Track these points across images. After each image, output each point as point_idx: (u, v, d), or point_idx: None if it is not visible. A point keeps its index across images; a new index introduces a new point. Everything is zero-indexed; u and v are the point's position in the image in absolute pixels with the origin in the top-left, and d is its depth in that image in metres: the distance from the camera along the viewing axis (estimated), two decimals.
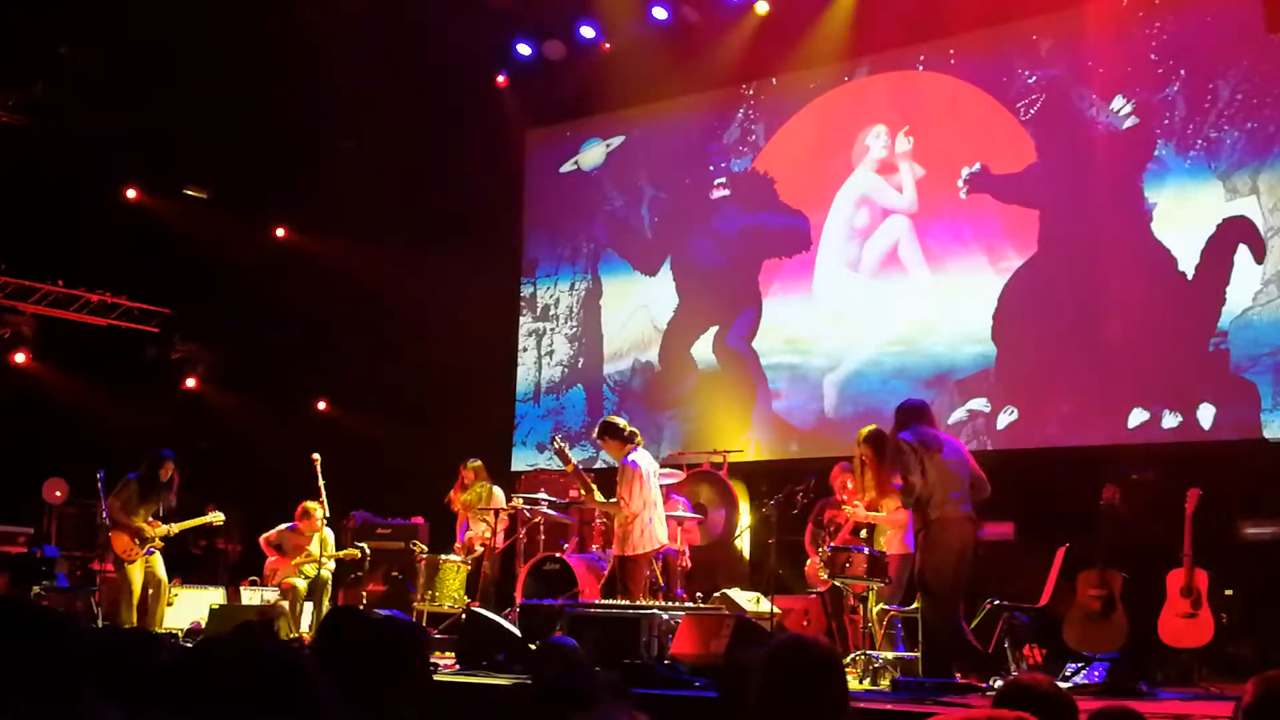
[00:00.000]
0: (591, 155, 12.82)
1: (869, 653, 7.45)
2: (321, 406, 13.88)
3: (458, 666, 7.91)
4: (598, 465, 10.95)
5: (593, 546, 9.96)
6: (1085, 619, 7.89)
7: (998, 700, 2.84)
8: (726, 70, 11.69)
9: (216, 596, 11.01)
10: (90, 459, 10.75)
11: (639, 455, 8.57)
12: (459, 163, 12.48)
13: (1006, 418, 9.92)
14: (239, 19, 11.14)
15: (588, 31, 12.14)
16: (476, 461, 10.68)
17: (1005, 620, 7.81)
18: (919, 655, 7.21)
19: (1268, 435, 8.76)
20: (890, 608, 7.85)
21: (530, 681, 3.19)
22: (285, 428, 12.63)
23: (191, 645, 5.04)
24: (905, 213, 10.68)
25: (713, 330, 11.70)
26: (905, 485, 7.24)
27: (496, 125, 12.92)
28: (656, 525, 8.48)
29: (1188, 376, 9.17)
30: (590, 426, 11.79)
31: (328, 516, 10.51)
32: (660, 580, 8.92)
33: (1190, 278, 9.21)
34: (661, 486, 8.88)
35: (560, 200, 13.07)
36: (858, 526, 8.20)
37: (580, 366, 12.56)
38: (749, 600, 8.61)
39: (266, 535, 10.68)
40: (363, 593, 10.51)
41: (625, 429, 8.65)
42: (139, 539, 9.87)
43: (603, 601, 8.37)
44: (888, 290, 10.67)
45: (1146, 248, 9.40)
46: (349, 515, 11.36)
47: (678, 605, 8.32)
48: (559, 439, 9.47)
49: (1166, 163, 9.45)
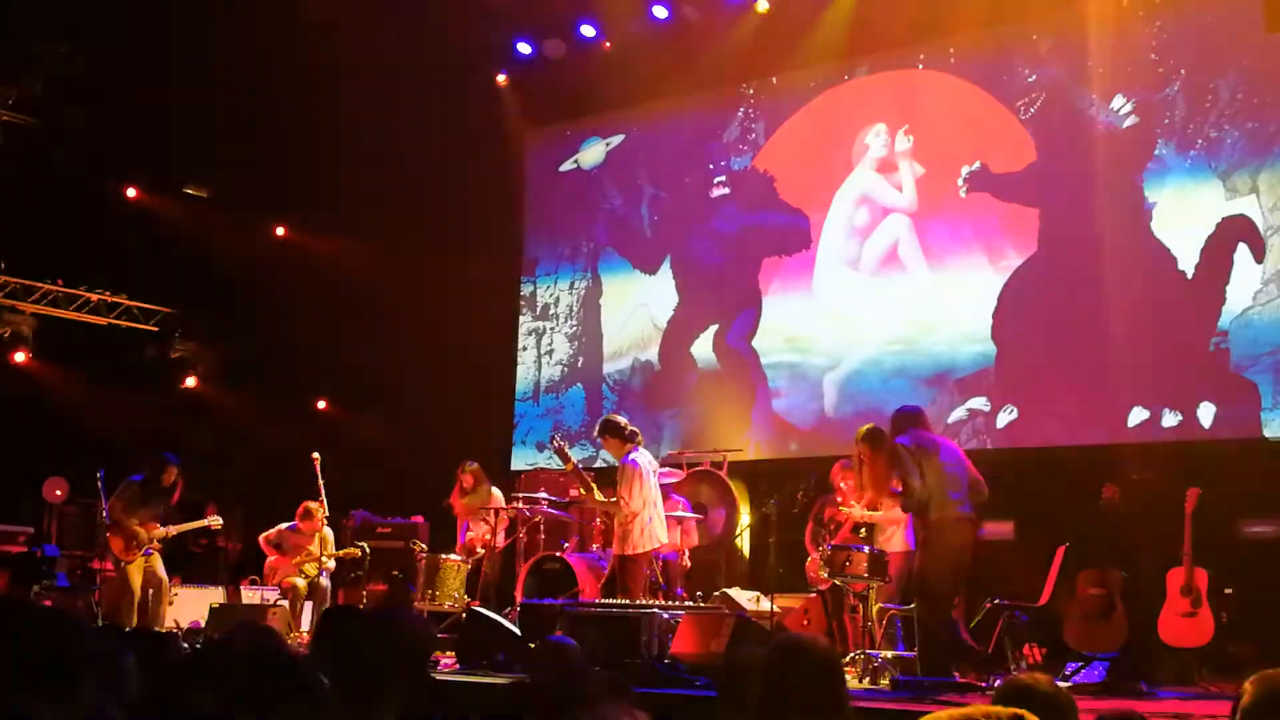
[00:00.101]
0: (591, 154, 12.82)
1: (869, 652, 7.45)
2: (321, 406, 13.88)
3: (458, 666, 7.91)
4: (597, 464, 10.95)
5: (593, 546, 9.97)
6: (1085, 618, 7.90)
7: (997, 699, 2.84)
8: (726, 69, 11.69)
9: (217, 596, 11.02)
10: (90, 458, 10.75)
11: (639, 454, 8.57)
12: (459, 161, 12.48)
13: (1006, 417, 9.92)
14: (239, 18, 11.14)
15: (588, 30, 12.14)
16: (474, 464, 10.64)
17: (1005, 619, 7.81)
18: (918, 654, 7.21)
19: (1268, 434, 8.76)
20: (890, 607, 7.85)
21: (530, 681, 3.19)
22: (285, 427, 12.62)
23: (190, 645, 5.04)
24: (905, 211, 10.68)
25: (712, 329, 11.69)
26: (905, 489, 7.25)
27: (496, 124, 12.91)
28: (656, 524, 8.48)
29: (1188, 375, 9.17)
30: (590, 426, 11.79)
31: (328, 516, 10.51)
32: (660, 579, 8.92)
33: (1190, 277, 9.20)
34: (661, 486, 8.88)
35: (560, 199, 13.07)
36: (858, 525, 8.20)
37: (580, 365, 12.55)
38: (749, 599, 8.62)
39: (266, 534, 10.68)
40: (363, 592, 10.51)
41: (626, 428, 8.65)
42: (136, 541, 9.87)
43: (603, 601, 8.38)
44: (888, 289, 10.67)
45: (1146, 247, 9.40)
46: (349, 514, 11.36)
47: (678, 604, 8.32)
48: (559, 438, 9.46)
49: (1166, 162, 9.44)
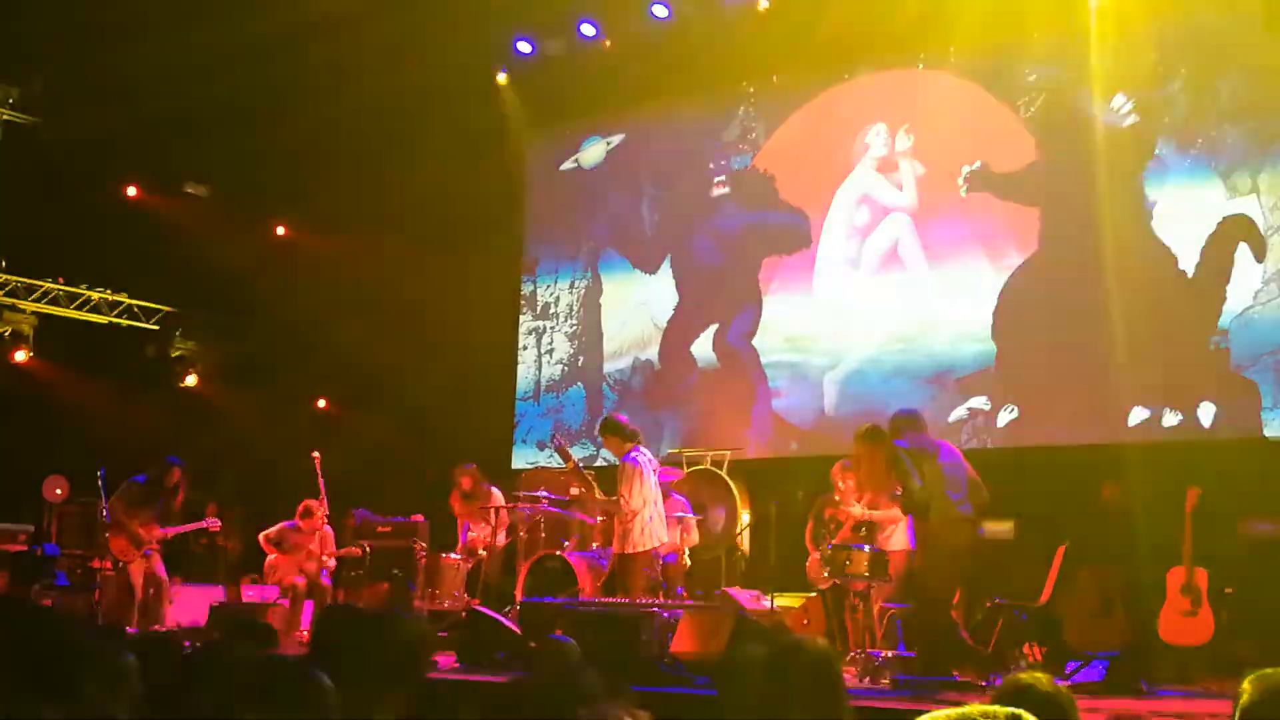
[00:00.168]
0: (592, 153, 12.81)
1: (869, 651, 7.44)
2: (322, 404, 13.88)
3: (459, 665, 7.91)
4: (598, 463, 10.94)
5: (593, 544, 9.96)
6: (1085, 617, 7.89)
7: (997, 698, 2.83)
8: (727, 68, 11.68)
9: (217, 594, 11.01)
10: (91, 457, 10.75)
11: (639, 453, 8.57)
12: (459, 160, 12.46)
13: (1007, 416, 9.92)
14: (239, 17, 11.13)
15: (588, 29, 12.12)
16: (471, 465, 10.61)
17: (1005, 618, 7.81)
18: (918, 654, 7.21)
19: (1268, 434, 8.76)
20: (890, 606, 7.84)
21: (529, 680, 3.19)
22: (285, 425, 12.62)
23: (191, 645, 5.03)
24: (906, 211, 10.67)
25: (713, 328, 11.69)
26: (904, 490, 7.25)
27: (497, 123, 12.91)
28: (656, 523, 8.48)
29: (1188, 375, 9.17)
30: (590, 425, 11.81)
31: (328, 514, 10.51)
32: (660, 578, 8.92)
33: (1191, 276, 9.20)
34: (661, 484, 8.88)
35: (560, 198, 13.06)
36: (858, 524, 8.20)
37: (580, 365, 12.55)
38: (749, 598, 8.61)
39: (266, 532, 10.66)
40: (363, 591, 10.50)
41: (627, 427, 8.66)
42: (137, 542, 9.87)
43: (603, 600, 8.38)
44: (888, 288, 10.66)
45: (1147, 246, 9.40)
46: (349, 513, 11.34)
47: (678, 603, 8.32)
48: (559, 437, 9.46)
49: (1167, 161, 9.44)
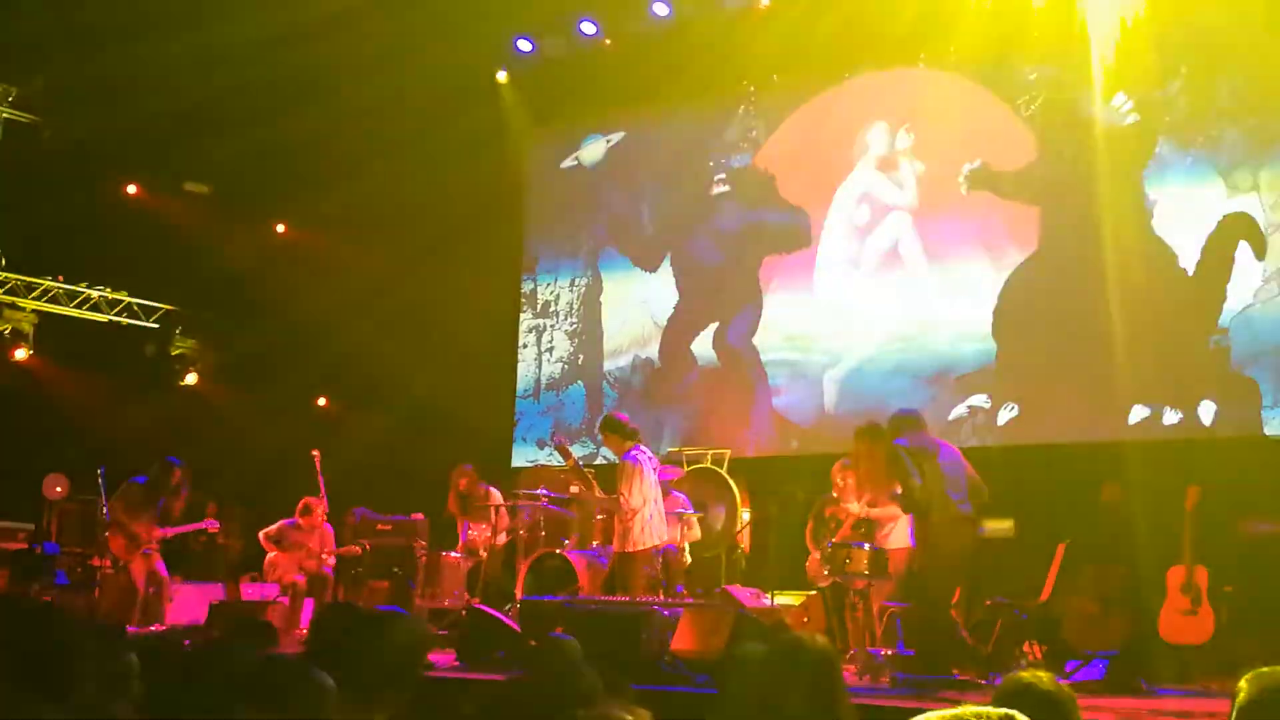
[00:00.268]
0: (592, 152, 12.81)
1: (869, 650, 7.44)
2: (322, 403, 13.87)
3: (459, 663, 7.91)
4: (598, 461, 10.95)
5: (593, 543, 9.95)
6: (1085, 616, 7.89)
7: (997, 697, 2.83)
8: (727, 67, 11.66)
9: (217, 593, 11.01)
10: (91, 455, 10.76)
11: (639, 451, 8.57)
12: (460, 159, 12.46)
13: (1007, 414, 9.92)
14: (239, 16, 11.12)
15: (588, 28, 12.12)
16: (468, 466, 10.59)
17: (1005, 617, 7.80)
18: (918, 652, 7.21)
19: (1268, 432, 8.76)
20: (890, 604, 7.84)
21: (530, 678, 3.19)
22: (285, 423, 12.62)
23: (190, 643, 5.03)
24: (906, 209, 10.67)
25: (713, 327, 11.69)
26: (904, 490, 7.24)
27: (497, 122, 12.90)
28: (656, 521, 8.49)
29: (1188, 373, 9.17)
30: (590, 423, 11.81)
31: (328, 512, 10.51)
32: (661, 576, 8.91)
33: (1191, 274, 9.20)
34: (661, 483, 8.88)
35: (561, 197, 13.06)
36: (859, 523, 8.20)
37: (580, 363, 12.55)
38: (749, 596, 8.61)
39: (266, 530, 10.67)
40: (363, 589, 10.50)
41: (627, 425, 8.66)
42: (137, 542, 9.87)
43: (603, 598, 8.38)
44: (888, 287, 10.66)
45: (1147, 244, 9.40)
46: (349, 512, 11.34)
47: (678, 601, 8.32)
48: (559, 435, 9.46)
49: (1167, 159, 9.44)
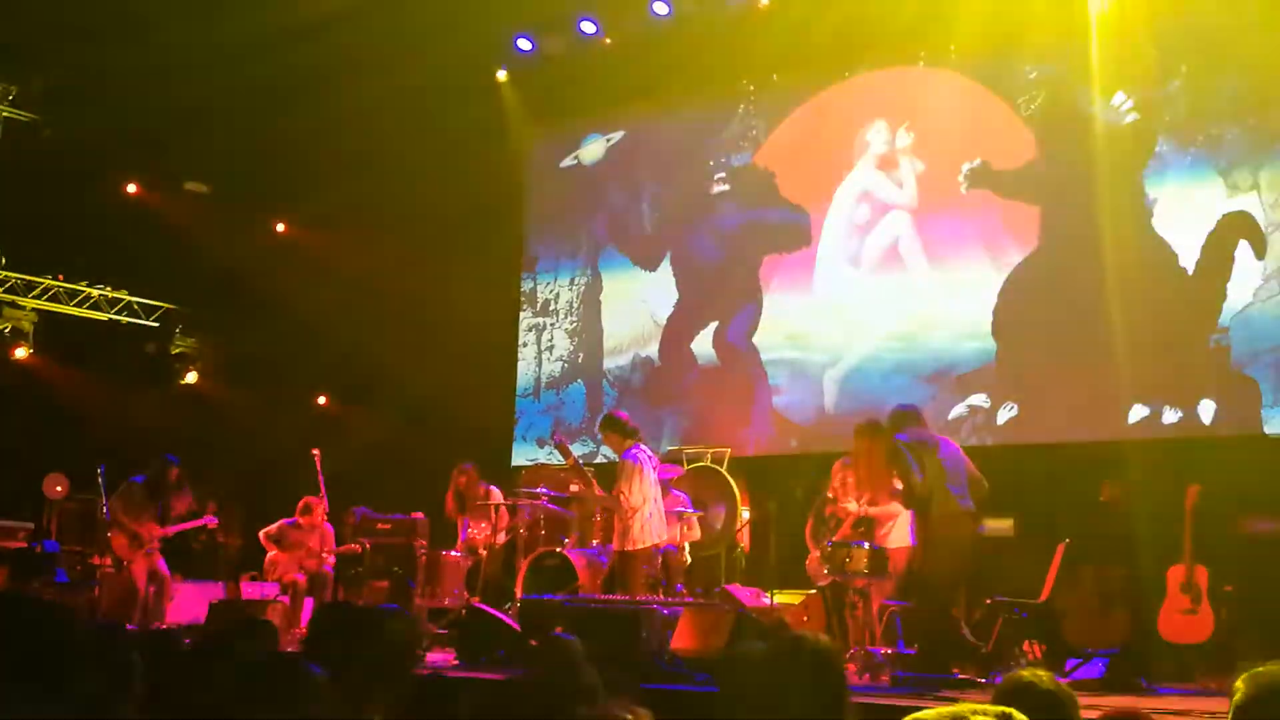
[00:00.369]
0: (592, 150, 12.81)
1: (869, 648, 7.45)
2: (322, 401, 13.88)
3: (458, 662, 7.92)
4: (598, 460, 10.95)
5: (593, 542, 9.96)
6: (1085, 615, 7.89)
7: (998, 696, 2.84)
8: (727, 65, 11.67)
9: (217, 592, 11.01)
10: (91, 454, 10.76)
11: (639, 450, 8.58)
12: (459, 158, 12.46)
13: (1007, 413, 9.92)
14: (239, 14, 11.12)
15: (588, 26, 12.11)
16: (469, 465, 10.59)
17: (1005, 616, 7.81)
18: (918, 651, 7.22)
19: (1268, 431, 8.76)
20: (890, 603, 7.85)
21: (530, 677, 3.19)
22: (286, 422, 12.62)
23: (190, 642, 5.04)
24: (906, 208, 10.67)
25: (713, 326, 11.69)
26: (905, 484, 7.25)
27: (497, 121, 12.90)
28: (656, 520, 8.49)
29: (1188, 372, 9.17)
30: (590, 422, 11.81)
31: (328, 511, 10.51)
32: (661, 575, 8.92)
33: (1191, 274, 9.20)
34: (661, 481, 8.89)
35: (561, 196, 13.06)
36: (859, 521, 8.20)
37: (580, 362, 12.55)
38: (749, 595, 8.62)
39: (266, 530, 10.68)
40: (363, 588, 10.50)
41: (627, 424, 8.66)
42: (138, 540, 9.88)
43: (603, 597, 8.38)
44: (888, 286, 10.66)
45: (1147, 244, 9.40)
46: (349, 511, 11.35)
47: (678, 600, 8.32)
48: (559, 433, 9.46)
49: (1167, 159, 9.44)
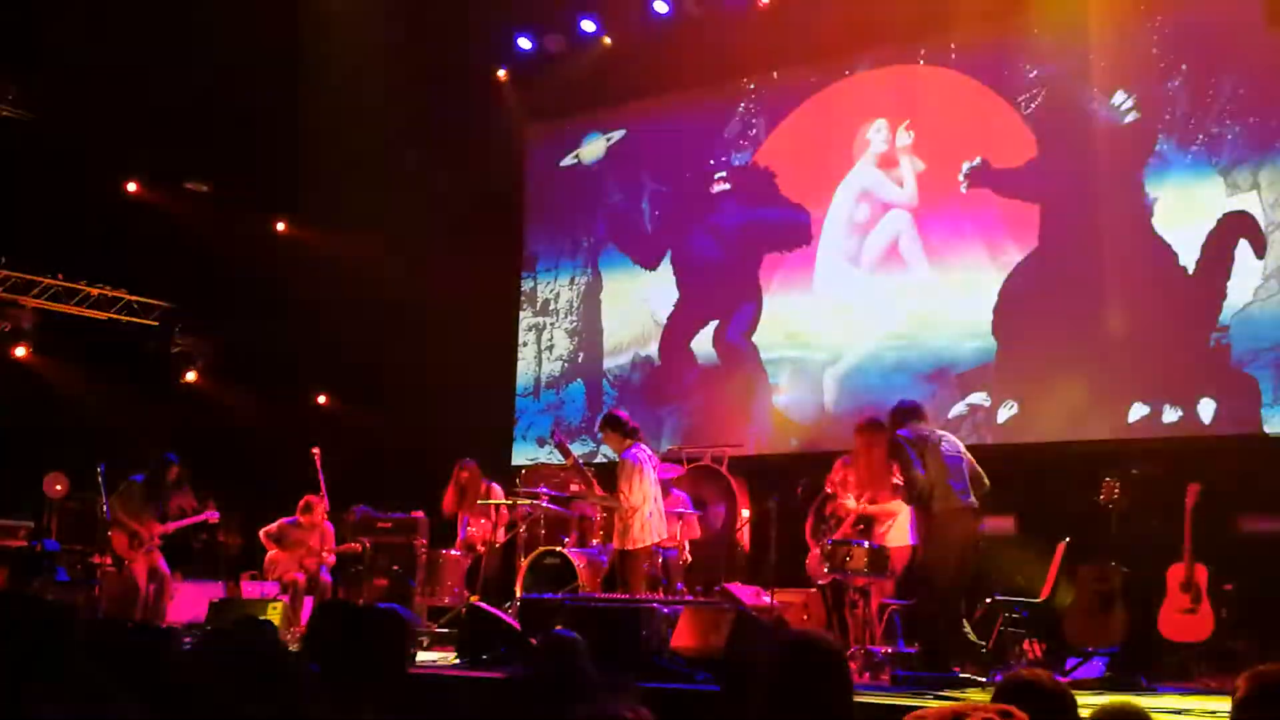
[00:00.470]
0: (592, 149, 12.81)
1: (869, 647, 7.45)
2: (322, 400, 13.87)
3: (459, 661, 7.91)
4: (598, 459, 10.95)
5: (593, 541, 9.97)
6: (1085, 613, 7.89)
7: (998, 695, 2.84)
8: (727, 64, 11.67)
9: (217, 590, 11.01)
10: (91, 453, 10.75)
11: (639, 449, 8.58)
12: (459, 157, 12.46)
13: (1007, 412, 9.92)
14: (240, 13, 11.13)
15: (588, 25, 12.12)
16: (470, 462, 10.59)
17: (1005, 615, 7.81)
18: (918, 650, 7.22)
19: (1268, 430, 8.76)
20: (890, 602, 7.85)
21: (531, 676, 3.20)
22: (285, 421, 12.62)
23: (190, 640, 5.04)
24: (906, 207, 10.67)
25: (713, 325, 11.69)
26: (907, 480, 7.25)
27: (497, 119, 12.90)
28: (656, 519, 8.50)
29: (1188, 371, 9.17)
30: (590, 421, 11.82)
31: (328, 510, 10.50)
32: (661, 574, 8.92)
33: (1191, 273, 9.20)
34: (661, 481, 8.89)
35: (561, 194, 13.05)
36: (859, 520, 8.20)
37: (580, 361, 12.55)
38: (749, 594, 8.62)
39: (267, 528, 10.68)
40: (363, 587, 10.50)
41: (627, 423, 8.67)
42: (138, 539, 9.88)
43: (603, 595, 8.38)
44: (888, 285, 10.66)
45: (1147, 243, 9.39)
46: (349, 509, 11.35)
47: (678, 599, 8.33)
48: (559, 432, 9.47)
49: (1167, 158, 9.44)
